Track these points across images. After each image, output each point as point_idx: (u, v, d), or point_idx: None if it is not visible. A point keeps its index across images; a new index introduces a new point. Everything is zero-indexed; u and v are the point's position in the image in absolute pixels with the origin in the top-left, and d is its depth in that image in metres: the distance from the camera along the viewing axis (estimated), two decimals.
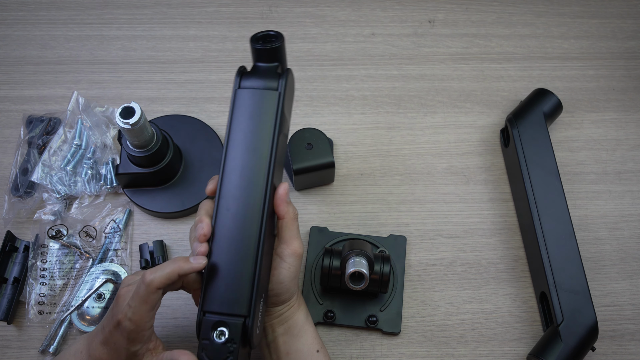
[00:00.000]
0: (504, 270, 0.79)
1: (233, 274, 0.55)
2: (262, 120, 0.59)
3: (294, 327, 0.65)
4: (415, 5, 0.96)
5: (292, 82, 0.62)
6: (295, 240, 0.61)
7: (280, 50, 0.60)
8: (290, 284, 0.62)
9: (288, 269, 0.61)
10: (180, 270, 0.55)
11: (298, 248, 0.61)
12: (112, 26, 0.93)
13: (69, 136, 0.83)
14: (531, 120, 0.81)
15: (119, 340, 0.56)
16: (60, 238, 0.77)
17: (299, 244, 0.62)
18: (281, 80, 0.59)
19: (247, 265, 0.55)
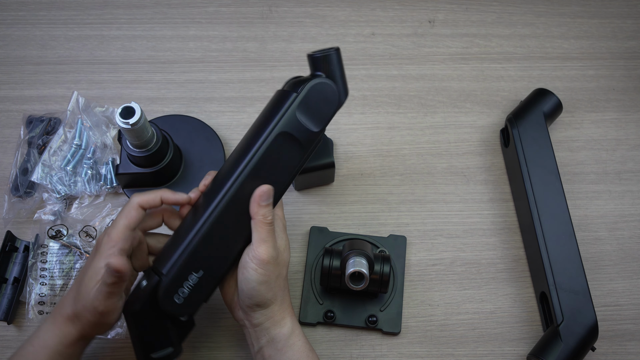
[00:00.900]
0: (504, 270, 0.79)
1: (180, 241, 0.60)
2: (267, 116, 0.61)
3: (277, 340, 0.63)
4: (415, 5, 0.96)
5: (323, 90, 0.61)
6: (262, 245, 0.60)
7: (323, 60, 0.61)
8: (260, 288, 0.60)
9: (253, 272, 0.60)
10: (163, 195, 0.62)
11: (262, 254, 0.59)
12: (112, 26, 0.93)
13: (69, 136, 0.83)
14: (531, 120, 0.81)
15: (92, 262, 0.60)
16: (60, 238, 0.77)
17: (264, 250, 0.60)
18: (306, 84, 0.60)
19: (191, 237, 0.60)
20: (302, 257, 0.79)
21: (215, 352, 0.75)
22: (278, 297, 0.63)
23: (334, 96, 0.61)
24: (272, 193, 0.60)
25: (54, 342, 0.61)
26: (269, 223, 0.60)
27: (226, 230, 0.60)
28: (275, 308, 0.63)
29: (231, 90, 0.89)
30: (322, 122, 0.61)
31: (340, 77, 0.62)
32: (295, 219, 0.81)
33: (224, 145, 0.84)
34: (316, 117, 0.61)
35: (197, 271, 0.60)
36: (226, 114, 0.87)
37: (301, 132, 0.60)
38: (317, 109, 0.61)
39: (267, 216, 0.60)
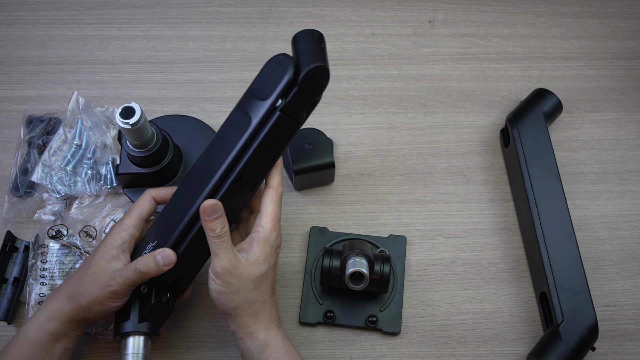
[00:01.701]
0: (504, 270, 0.79)
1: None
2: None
3: (250, 352, 0.63)
4: (415, 5, 0.96)
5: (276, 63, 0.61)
6: (214, 257, 0.60)
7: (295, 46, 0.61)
8: (219, 297, 0.61)
9: (210, 280, 0.61)
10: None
11: (213, 266, 0.60)
12: (112, 26, 0.93)
13: (69, 136, 0.83)
14: (531, 120, 0.81)
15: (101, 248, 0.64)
16: (60, 238, 0.77)
17: (215, 263, 0.60)
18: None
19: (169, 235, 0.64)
20: (302, 257, 0.79)
21: (215, 352, 0.75)
22: (245, 309, 0.62)
23: (283, 67, 0.60)
24: (218, 208, 0.60)
25: (44, 317, 0.62)
26: (218, 236, 0.60)
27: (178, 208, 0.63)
28: (245, 319, 0.62)
29: (231, 90, 0.89)
30: (269, 91, 0.60)
31: (303, 52, 0.60)
32: (295, 219, 0.81)
33: None
34: (265, 88, 0.60)
35: (152, 241, 0.64)
36: (226, 114, 0.86)
37: (252, 104, 0.60)
38: (269, 80, 0.60)
39: (214, 230, 0.59)
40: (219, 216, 0.60)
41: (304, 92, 0.60)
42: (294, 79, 0.59)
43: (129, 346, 0.64)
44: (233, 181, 0.61)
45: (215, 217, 0.59)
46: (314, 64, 0.59)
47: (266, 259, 0.62)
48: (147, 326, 0.64)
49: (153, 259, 0.61)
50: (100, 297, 0.61)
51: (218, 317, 0.76)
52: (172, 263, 0.62)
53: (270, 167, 0.64)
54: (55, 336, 0.62)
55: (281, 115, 0.60)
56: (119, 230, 0.64)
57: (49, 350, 0.62)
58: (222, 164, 0.61)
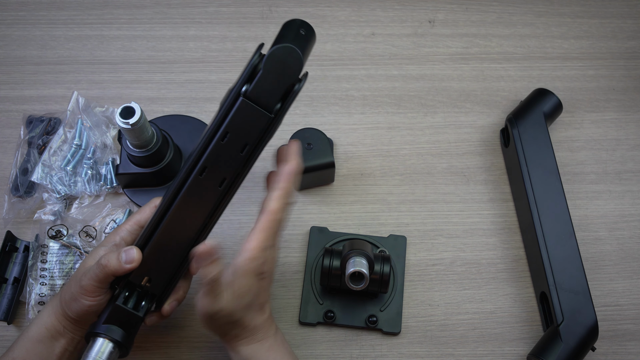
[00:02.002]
0: (504, 270, 0.79)
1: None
2: None
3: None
4: (415, 5, 0.96)
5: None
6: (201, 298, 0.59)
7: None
8: (203, 323, 0.61)
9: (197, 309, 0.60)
10: None
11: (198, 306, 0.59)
12: (112, 26, 0.93)
13: (69, 136, 0.83)
14: (531, 120, 0.81)
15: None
16: (60, 238, 0.77)
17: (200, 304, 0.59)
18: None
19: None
20: (302, 257, 0.79)
21: (215, 352, 0.75)
22: (229, 334, 0.62)
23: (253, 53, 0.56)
24: (214, 252, 0.55)
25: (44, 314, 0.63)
26: (209, 282, 0.57)
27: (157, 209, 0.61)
28: (227, 338, 0.63)
29: None
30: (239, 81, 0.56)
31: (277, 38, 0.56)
32: (295, 219, 0.81)
33: None
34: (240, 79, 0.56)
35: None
36: None
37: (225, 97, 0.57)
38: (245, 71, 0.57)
39: (207, 275, 0.57)
40: (214, 260, 0.56)
41: (269, 76, 0.55)
42: (259, 63, 0.55)
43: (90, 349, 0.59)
44: (197, 173, 0.57)
45: (210, 261, 0.56)
46: (279, 45, 0.54)
47: (249, 289, 0.59)
48: (115, 332, 0.60)
49: (116, 254, 0.60)
50: (75, 293, 0.60)
51: None
52: (134, 261, 0.59)
53: (242, 164, 0.58)
54: (52, 333, 0.62)
55: (244, 100, 0.55)
56: (113, 233, 0.64)
57: (47, 346, 0.62)
58: (190, 158, 0.58)
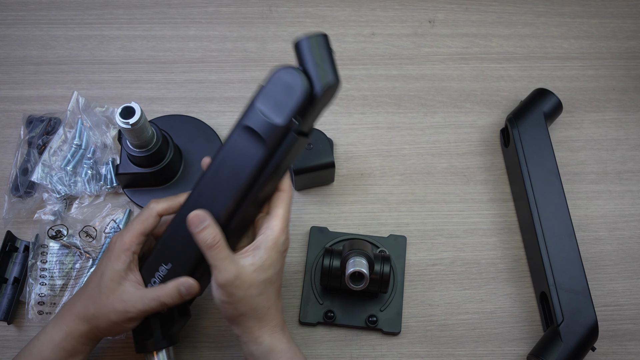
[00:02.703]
0: (504, 270, 0.79)
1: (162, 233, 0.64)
2: None
3: (254, 356, 0.62)
4: (415, 5, 0.96)
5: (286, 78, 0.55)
6: (213, 269, 0.58)
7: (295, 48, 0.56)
8: (222, 306, 0.60)
9: (214, 289, 0.59)
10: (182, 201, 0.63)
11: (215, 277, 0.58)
12: (112, 26, 0.93)
13: (69, 136, 0.83)
14: (531, 120, 0.81)
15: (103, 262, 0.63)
16: (60, 238, 0.77)
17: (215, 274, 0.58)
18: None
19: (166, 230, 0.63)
20: (302, 257, 0.79)
21: (215, 352, 0.75)
22: (249, 315, 0.60)
23: (297, 85, 0.54)
24: (205, 218, 0.57)
25: (60, 337, 0.62)
26: (210, 247, 0.57)
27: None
28: (250, 324, 0.61)
29: (231, 90, 0.89)
30: (284, 113, 0.55)
31: (315, 65, 0.55)
32: (295, 219, 0.81)
33: None
34: (279, 108, 0.55)
35: (166, 263, 0.62)
36: (226, 114, 0.87)
37: (263, 125, 0.56)
38: (280, 99, 0.55)
39: (205, 240, 0.57)
40: (206, 226, 0.57)
41: (319, 109, 0.57)
42: (310, 97, 0.55)
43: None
44: (246, 203, 0.59)
45: (202, 227, 0.57)
46: (331, 80, 0.55)
47: (272, 263, 0.60)
48: (170, 339, 0.66)
49: (176, 290, 0.60)
50: (118, 322, 0.61)
51: (218, 318, 0.76)
52: (195, 293, 0.61)
53: (279, 180, 0.61)
54: (71, 353, 0.62)
55: (297, 137, 0.56)
56: (121, 249, 0.62)
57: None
58: (234, 189, 0.58)
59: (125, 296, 0.61)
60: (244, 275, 0.58)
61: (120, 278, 0.61)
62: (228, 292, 0.58)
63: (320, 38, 0.55)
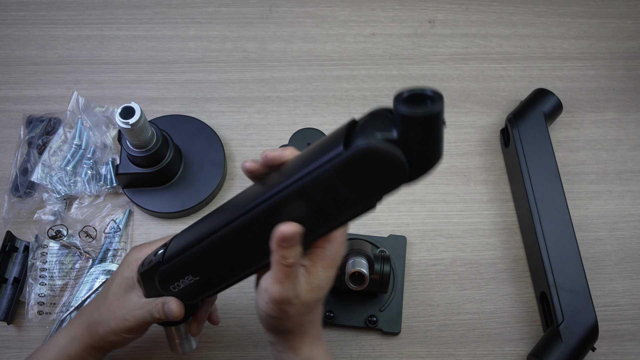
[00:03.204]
0: (504, 270, 0.79)
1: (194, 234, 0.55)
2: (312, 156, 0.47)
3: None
4: (415, 5, 0.96)
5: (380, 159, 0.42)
6: (276, 284, 0.51)
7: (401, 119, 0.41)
8: (269, 320, 0.54)
9: (263, 302, 0.53)
10: None
11: (273, 292, 0.51)
12: (112, 26, 0.93)
13: (69, 136, 0.83)
14: (531, 120, 0.81)
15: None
16: (60, 238, 0.77)
17: (276, 290, 0.51)
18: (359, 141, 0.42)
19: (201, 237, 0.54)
20: None
21: (215, 352, 0.75)
22: (295, 331, 0.55)
23: (394, 170, 0.42)
24: (297, 236, 0.48)
25: (65, 341, 0.61)
26: (288, 265, 0.50)
27: (235, 251, 0.53)
28: (291, 336, 0.56)
29: (231, 90, 0.89)
30: (364, 194, 0.45)
31: (421, 147, 0.42)
32: None
33: (224, 145, 0.84)
34: (359, 187, 0.44)
35: (194, 275, 0.56)
36: (226, 114, 0.87)
37: (333, 197, 0.46)
38: (365, 177, 0.44)
39: (286, 258, 0.50)
40: (292, 245, 0.49)
41: None
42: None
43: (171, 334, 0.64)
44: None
45: (290, 244, 0.49)
46: (436, 160, 0.43)
47: (329, 282, 0.53)
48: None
49: (161, 307, 0.58)
50: (117, 330, 0.60)
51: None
52: (178, 317, 0.58)
53: None
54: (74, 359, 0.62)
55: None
56: (135, 258, 0.60)
57: None
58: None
59: (128, 304, 0.59)
60: (301, 295, 0.52)
61: (128, 286, 0.60)
62: (280, 310, 0.52)
63: (430, 117, 0.41)
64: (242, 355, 0.74)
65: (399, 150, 0.42)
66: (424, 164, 0.43)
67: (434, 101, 0.41)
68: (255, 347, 0.75)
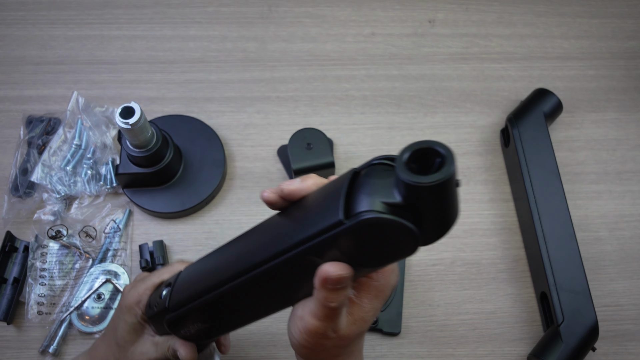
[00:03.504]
0: (504, 270, 0.79)
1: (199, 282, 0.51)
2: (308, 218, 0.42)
3: None
4: (415, 5, 0.96)
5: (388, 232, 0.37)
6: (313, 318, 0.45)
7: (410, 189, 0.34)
8: (300, 350, 0.48)
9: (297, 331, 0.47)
10: None
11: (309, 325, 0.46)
12: (112, 26, 0.93)
13: (68, 136, 0.83)
14: (531, 120, 0.81)
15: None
16: (60, 238, 0.77)
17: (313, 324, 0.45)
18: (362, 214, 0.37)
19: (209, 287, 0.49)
20: None
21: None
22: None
23: (404, 240, 0.37)
24: (345, 280, 0.42)
25: None
26: (331, 309, 0.44)
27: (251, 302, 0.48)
28: None
29: (231, 90, 0.89)
30: (371, 261, 0.40)
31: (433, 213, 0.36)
32: None
33: (224, 145, 0.84)
34: (364, 255, 0.40)
35: (204, 322, 0.52)
36: (226, 114, 0.87)
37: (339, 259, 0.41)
38: (370, 247, 0.39)
39: (330, 301, 0.44)
40: (339, 288, 0.43)
41: None
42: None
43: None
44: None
45: (335, 288, 0.43)
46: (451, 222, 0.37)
47: (374, 315, 0.48)
48: None
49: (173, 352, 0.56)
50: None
51: None
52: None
53: None
54: None
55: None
56: (134, 301, 0.57)
57: None
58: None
59: (144, 348, 0.58)
60: (341, 330, 0.47)
61: (137, 330, 0.58)
62: (316, 342, 0.47)
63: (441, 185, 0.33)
64: (243, 356, 0.74)
65: (405, 219, 0.36)
66: (438, 228, 0.37)
67: (443, 162, 0.33)
68: (255, 347, 0.75)
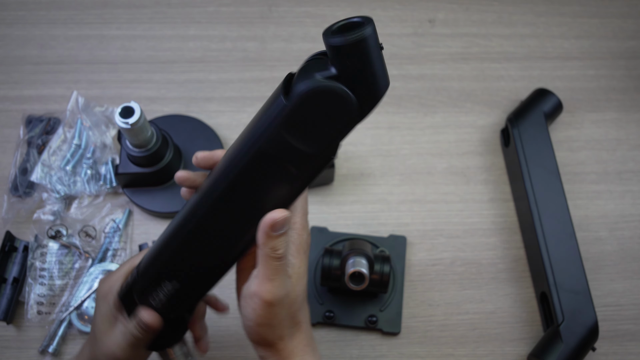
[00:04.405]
0: (504, 270, 0.79)
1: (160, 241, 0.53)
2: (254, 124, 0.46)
3: None
4: (415, 5, 0.96)
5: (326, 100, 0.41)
6: (267, 283, 0.48)
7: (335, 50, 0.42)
8: (259, 330, 0.50)
9: (252, 311, 0.49)
10: None
11: (265, 294, 0.47)
12: (112, 26, 0.93)
13: (68, 136, 0.83)
14: (531, 120, 0.81)
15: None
16: (59, 238, 0.77)
17: (268, 290, 0.47)
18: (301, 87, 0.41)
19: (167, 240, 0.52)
20: None
21: (214, 352, 0.74)
22: (285, 336, 0.52)
23: (343, 108, 0.41)
24: (288, 220, 0.45)
25: None
26: (279, 258, 0.47)
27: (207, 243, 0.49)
28: (281, 345, 0.52)
29: (231, 90, 0.89)
30: (319, 142, 0.43)
31: (364, 76, 0.41)
32: None
33: (224, 145, 0.84)
34: (312, 136, 0.42)
35: (170, 280, 0.52)
36: (226, 114, 0.87)
37: (290, 153, 0.43)
38: (315, 124, 0.42)
39: (277, 249, 0.46)
40: (285, 232, 0.46)
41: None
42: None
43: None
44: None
45: (281, 233, 0.46)
46: (383, 87, 0.42)
47: (305, 270, 0.51)
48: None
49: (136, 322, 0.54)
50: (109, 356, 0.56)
51: (218, 317, 0.76)
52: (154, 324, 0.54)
53: None
54: None
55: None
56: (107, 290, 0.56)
57: None
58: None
59: (116, 337, 0.56)
60: (292, 292, 0.49)
61: (110, 319, 0.56)
62: (274, 313, 0.49)
63: (364, 39, 0.41)
64: (243, 356, 0.74)
65: (341, 85, 0.40)
66: (372, 94, 0.42)
67: (363, 26, 0.41)
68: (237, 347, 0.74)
